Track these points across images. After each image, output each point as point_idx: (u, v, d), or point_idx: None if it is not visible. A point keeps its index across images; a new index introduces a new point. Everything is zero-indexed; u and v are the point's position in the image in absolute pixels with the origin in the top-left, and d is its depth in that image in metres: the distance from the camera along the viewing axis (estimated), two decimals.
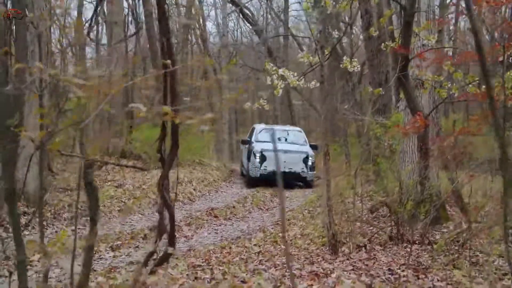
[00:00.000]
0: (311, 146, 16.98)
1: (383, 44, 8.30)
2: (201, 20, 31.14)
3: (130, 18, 26.42)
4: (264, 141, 16.42)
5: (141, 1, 22.81)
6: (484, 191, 7.77)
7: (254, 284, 5.40)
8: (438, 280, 5.81)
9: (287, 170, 15.34)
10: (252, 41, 34.53)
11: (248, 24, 33.91)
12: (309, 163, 16.09)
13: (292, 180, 15.69)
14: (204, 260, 6.41)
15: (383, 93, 8.28)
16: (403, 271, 6.12)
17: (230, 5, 30.54)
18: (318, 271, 5.94)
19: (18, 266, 1.62)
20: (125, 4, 24.79)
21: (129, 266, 6.65)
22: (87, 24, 23.31)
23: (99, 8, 21.32)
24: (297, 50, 34.35)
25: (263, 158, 15.80)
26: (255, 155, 15.89)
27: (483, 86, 5.95)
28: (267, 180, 15.20)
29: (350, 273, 5.97)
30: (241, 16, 32.60)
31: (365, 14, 14.09)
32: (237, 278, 5.62)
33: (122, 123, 17.31)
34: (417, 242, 7.12)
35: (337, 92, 16.36)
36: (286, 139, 17.37)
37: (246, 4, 31.89)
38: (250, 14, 32.35)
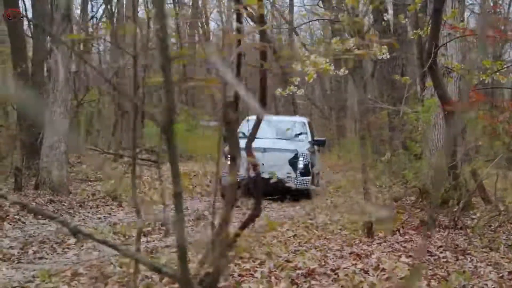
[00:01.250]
0: (314, 141, 13.21)
1: (411, 32, 8.37)
2: (203, 18, 31.32)
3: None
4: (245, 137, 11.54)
5: None
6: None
7: (299, 263, 5.47)
8: (477, 261, 5.90)
9: (266, 176, 10.44)
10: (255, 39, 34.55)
11: (251, 23, 33.92)
12: (300, 165, 11.84)
13: (272, 189, 10.40)
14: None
15: (410, 81, 8.36)
16: (441, 252, 6.20)
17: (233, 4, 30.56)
18: (358, 252, 6.00)
19: (176, 198, 1.67)
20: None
21: (165, 249, 6.70)
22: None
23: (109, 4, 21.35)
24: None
25: None
26: (226, 156, 11.04)
27: None
28: (241, 190, 9.89)
29: (389, 255, 6.04)
30: (244, 14, 32.62)
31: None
32: (281, 258, 5.69)
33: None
34: (449, 226, 7.21)
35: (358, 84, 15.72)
36: (277, 133, 12.65)
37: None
38: (253, 13, 32.31)
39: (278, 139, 12.39)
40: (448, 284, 4.95)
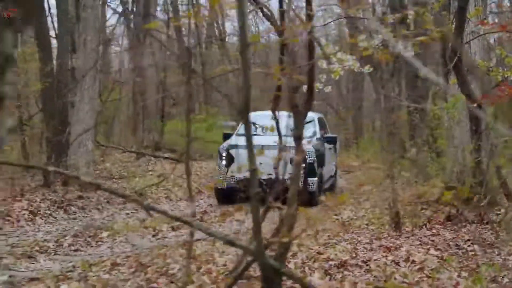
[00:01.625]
0: (324, 138, 11.95)
1: (435, 30, 8.43)
2: (219, 19, 31.53)
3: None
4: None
5: None
6: None
7: (331, 255, 5.58)
8: (505, 255, 5.97)
9: (265, 177, 7.80)
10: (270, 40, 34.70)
11: (267, 23, 34.02)
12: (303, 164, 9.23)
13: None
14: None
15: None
16: (469, 246, 6.28)
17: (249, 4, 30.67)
18: (387, 245, 6.10)
19: (251, 173, 1.80)
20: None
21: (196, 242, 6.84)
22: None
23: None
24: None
25: (230, 159, 10.56)
26: (220, 156, 10.82)
27: None
28: (239, 193, 8.04)
29: (418, 248, 6.13)
30: (260, 14, 32.77)
31: (399, 6, 14.21)
32: (312, 250, 5.80)
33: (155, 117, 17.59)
34: (475, 221, 7.28)
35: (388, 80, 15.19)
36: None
37: (265, 3, 32.03)
38: (269, 13, 32.42)
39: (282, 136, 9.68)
40: (479, 275, 5.03)
